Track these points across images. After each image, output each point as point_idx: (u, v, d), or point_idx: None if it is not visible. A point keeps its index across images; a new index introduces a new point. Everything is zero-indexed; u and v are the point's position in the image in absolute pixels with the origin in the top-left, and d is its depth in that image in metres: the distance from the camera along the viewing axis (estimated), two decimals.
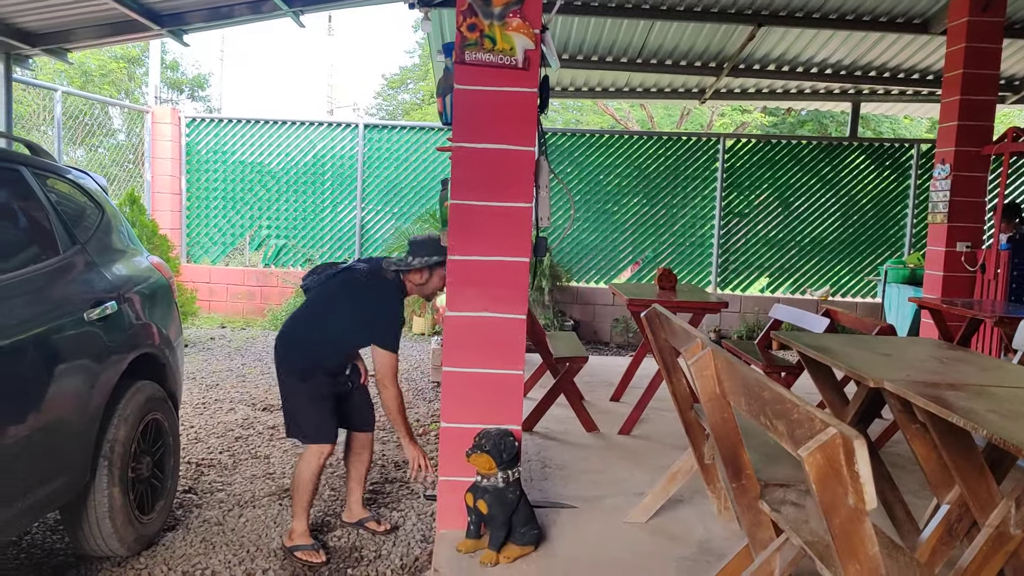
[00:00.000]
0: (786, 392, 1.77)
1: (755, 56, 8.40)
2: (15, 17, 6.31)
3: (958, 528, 2.59)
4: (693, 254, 9.75)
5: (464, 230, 3.16)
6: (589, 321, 9.52)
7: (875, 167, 9.67)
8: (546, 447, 4.50)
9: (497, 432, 3.01)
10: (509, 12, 3.04)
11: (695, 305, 5.02)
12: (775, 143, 9.77)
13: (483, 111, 3.11)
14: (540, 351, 4.91)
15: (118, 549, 3.20)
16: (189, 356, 7.46)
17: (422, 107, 23.30)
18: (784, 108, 17.54)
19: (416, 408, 5.90)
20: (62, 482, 2.87)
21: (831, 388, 3.45)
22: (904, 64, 8.55)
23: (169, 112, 9.96)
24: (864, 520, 1.52)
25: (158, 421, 3.52)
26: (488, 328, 3.18)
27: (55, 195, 3.31)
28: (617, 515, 3.46)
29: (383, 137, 9.98)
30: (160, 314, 3.68)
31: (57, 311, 2.94)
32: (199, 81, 21.60)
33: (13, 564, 3.25)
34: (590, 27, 7.57)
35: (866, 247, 9.70)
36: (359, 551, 3.45)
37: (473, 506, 3.00)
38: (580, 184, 9.66)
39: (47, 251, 3.09)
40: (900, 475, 3.88)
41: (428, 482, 3.69)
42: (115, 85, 17.00)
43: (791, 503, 2.29)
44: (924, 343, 3.48)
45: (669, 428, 4.90)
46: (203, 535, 3.55)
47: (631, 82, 9.46)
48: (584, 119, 20.70)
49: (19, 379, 2.64)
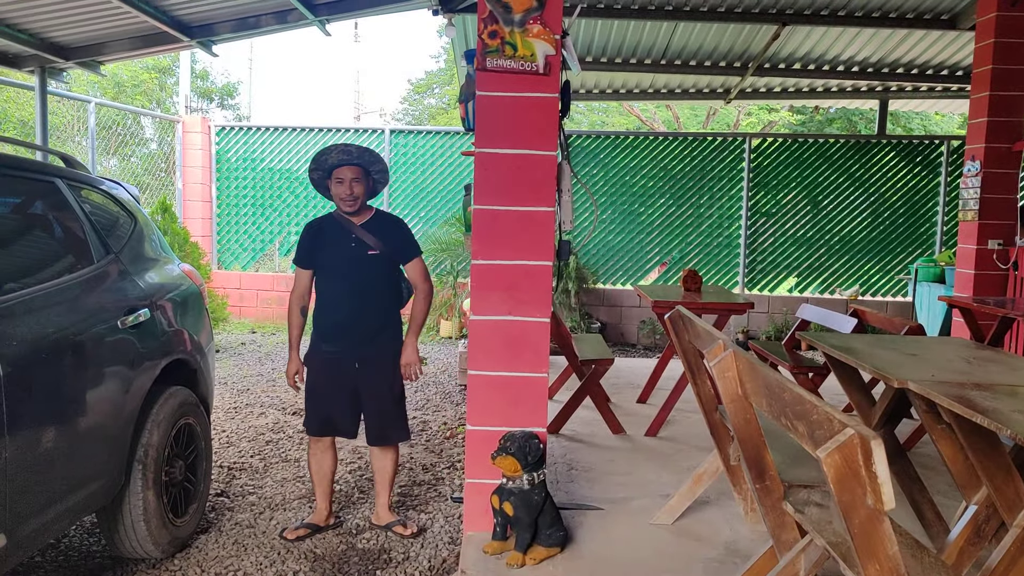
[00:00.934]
0: (806, 393, 1.78)
1: (780, 55, 8.35)
2: (50, 32, 6.46)
3: (986, 529, 2.57)
4: (720, 254, 9.70)
5: (488, 235, 3.19)
6: (616, 323, 9.51)
7: (905, 164, 9.55)
8: (572, 449, 4.52)
9: (522, 435, 3.04)
10: (529, 19, 3.07)
11: (720, 306, 5.01)
12: (803, 142, 9.70)
13: (505, 117, 3.14)
14: (566, 353, 4.93)
15: (152, 551, 3.28)
16: (220, 361, 7.58)
17: (448, 111, 23.41)
18: (811, 107, 17.38)
19: (444, 411, 5.95)
20: (98, 486, 2.94)
21: (857, 389, 3.44)
22: (932, 60, 8.45)
23: (199, 121, 10.12)
24: (883, 520, 1.53)
25: (190, 426, 3.59)
26: (512, 331, 3.21)
27: (89, 205, 3.39)
28: (643, 517, 3.47)
29: (409, 142, 10.06)
30: (191, 320, 3.76)
31: (92, 319, 3.02)
32: (228, 90, 21.90)
33: (52, 566, 3.33)
34: (613, 29, 7.58)
35: (896, 245, 9.59)
36: (387, 553, 3.49)
37: (499, 508, 3.03)
38: (606, 186, 9.66)
39: (82, 261, 3.18)
40: (930, 476, 3.85)
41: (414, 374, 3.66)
42: (147, 95, 17.31)
43: (815, 504, 2.29)
44: (953, 343, 3.45)
45: (695, 430, 4.90)
46: (235, 537, 3.62)
47: (656, 83, 9.45)
48: (610, 120, 20.68)
49: (57, 386, 2.72)
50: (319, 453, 3.69)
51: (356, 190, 3.51)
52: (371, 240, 3.55)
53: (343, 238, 3.57)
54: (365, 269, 3.55)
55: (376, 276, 3.58)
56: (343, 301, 3.57)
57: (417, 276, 3.66)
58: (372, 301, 3.59)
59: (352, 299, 3.55)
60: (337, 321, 3.59)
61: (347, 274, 3.56)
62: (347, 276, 3.56)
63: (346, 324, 3.57)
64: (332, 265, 3.60)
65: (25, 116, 11.89)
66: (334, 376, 3.59)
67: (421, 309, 3.62)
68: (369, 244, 3.54)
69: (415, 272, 3.66)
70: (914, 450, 4.45)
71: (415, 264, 3.66)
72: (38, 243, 3.19)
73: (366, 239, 3.55)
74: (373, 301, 3.59)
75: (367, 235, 3.56)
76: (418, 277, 3.66)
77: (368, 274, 3.56)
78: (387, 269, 3.61)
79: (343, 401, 3.61)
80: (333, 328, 3.60)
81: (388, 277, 3.64)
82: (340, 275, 3.57)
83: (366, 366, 3.58)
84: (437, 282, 9.43)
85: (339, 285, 3.58)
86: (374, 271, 3.56)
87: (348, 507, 4.00)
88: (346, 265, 3.56)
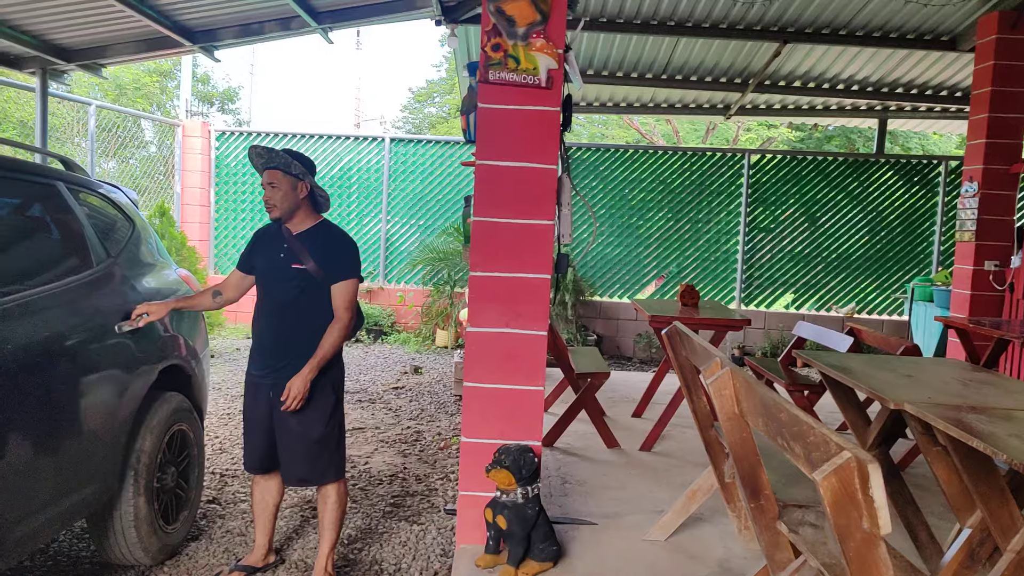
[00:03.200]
0: (802, 414, 1.77)
1: (781, 72, 8.38)
2: (52, 34, 6.46)
3: (980, 552, 2.56)
4: (718, 269, 9.72)
5: (487, 247, 3.19)
6: (612, 336, 9.51)
7: (903, 183, 9.59)
8: (567, 463, 4.51)
9: (517, 448, 3.03)
10: (533, 32, 3.08)
11: (717, 322, 5.01)
12: (801, 159, 9.73)
13: (506, 129, 3.15)
14: (562, 366, 4.92)
15: (142, 558, 3.26)
16: (215, 367, 7.56)
17: (448, 120, 23.46)
18: (811, 124, 17.45)
19: (438, 421, 5.94)
20: (91, 491, 2.93)
21: (853, 408, 3.43)
22: (932, 81, 8.49)
23: (199, 125, 10.13)
24: (879, 544, 1.52)
25: (184, 432, 3.58)
26: (509, 344, 3.21)
27: (88, 209, 3.39)
28: (637, 532, 3.46)
29: (409, 151, 10.08)
30: (187, 326, 3.75)
31: (90, 323, 3.01)
32: (229, 94, 21.92)
33: (40, 571, 3.31)
34: (615, 44, 7.61)
35: (893, 264, 9.61)
36: (379, 564, 3.47)
37: (492, 521, 3.02)
38: (605, 198, 9.67)
39: (81, 264, 3.17)
40: (924, 497, 3.85)
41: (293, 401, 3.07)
42: (148, 98, 17.31)
43: (809, 524, 2.29)
44: (949, 364, 3.45)
45: (691, 445, 4.89)
46: (226, 545, 3.60)
47: (656, 98, 9.48)
48: (610, 133, 20.73)
49: (54, 388, 2.70)
50: (260, 484, 3.34)
51: (272, 195, 3.15)
52: (300, 253, 3.16)
53: (276, 245, 3.23)
54: (287, 284, 3.15)
55: (300, 293, 3.15)
56: (261, 316, 3.25)
57: (340, 302, 3.17)
58: (292, 320, 3.17)
59: (270, 315, 3.21)
60: (255, 339, 3.27)
61: (269, 287, 3.22)
62: (269, 289, 3.22)
63: (262, 343, 3.24)
64: (260, 273, 3.28)
65: (25, 116, 11.89)
66: (254, 403, 3.24)
67: (330, 340, 3.13)
68: (296, 256, 3.16)
69: (339, 298, 3.17)
70: (908, 470, 4.44)
71: (341, 288, 3.18)
72: (38, 245, 3.18)
73: (295, 250, 3.17)
74: (293, 320, 3.17)
75: (298, 246, 3.18)
76: (340, 304, 3.17)
77: (290, 289, 3.15)
78: (314, 288, 3.17)
79: (260, 434, 3.24)
80: (254, 347, 3.28)
81: (316, 298, 3.18)
82: (264, 286, 3.26)
83: (279, 395, 3.12)
84: (434, 291, 9.43)
85: (262, 298, 3.26)
86: (296, 288, 3.15)
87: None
88: (272, 276, 3.22)
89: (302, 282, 3.14)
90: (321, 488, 3.25)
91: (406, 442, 5.37)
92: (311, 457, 3.18)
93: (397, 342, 9.57)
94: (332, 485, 3.25)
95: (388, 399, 6.64)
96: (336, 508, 3.25)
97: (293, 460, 3.19)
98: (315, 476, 3.22)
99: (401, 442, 5.37)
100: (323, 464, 3.21)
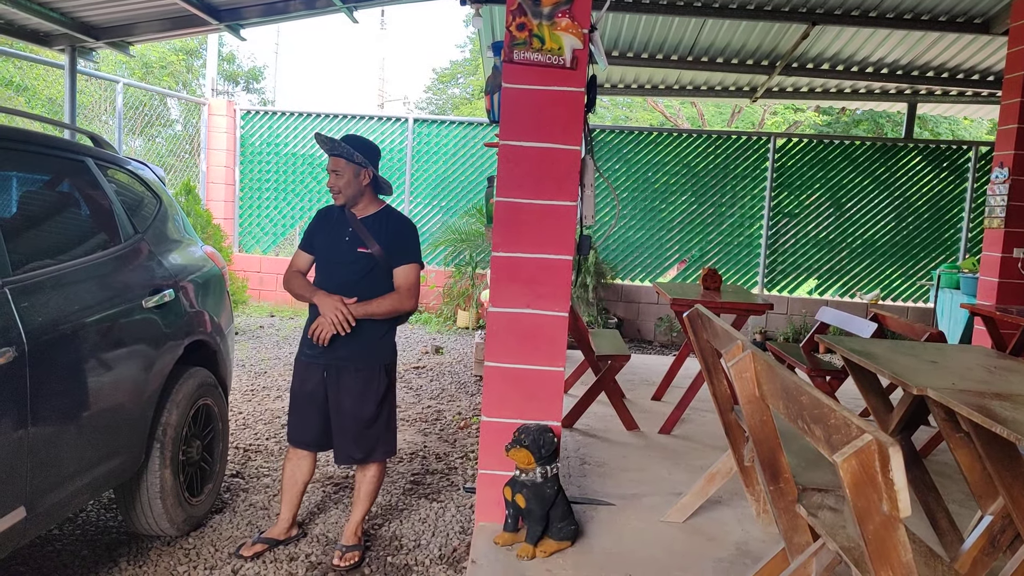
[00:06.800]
0: (824, 397, 1.77)
1: (808, 55, 8.28)
2: (80, 11, 6.52)
3: (1000, 540, 2.55)
4: (740, 254, 9.66)
5: (509, 227, 3.20)
6: (633, 319, 9.50)
7: (932, 169, 9.46)
8: (586, 444, 4.53)
9: (536, 428, 3.05)
10: (558, 12, 3.07)
11: (739, 306, 4.99)
12: (828, 143, 9.62)
13: (530, 110, 3.14)
14: (582, 348, 4.93)
15: (168, 529, 3.32)
16: (239, 344, 7.64)
17: (471, 102, 23.41)
18: (838, 107, 17.23)
19: (458, 401, 5.98)
20: (119, 462, 2.98)
21: (875, 394, 3.41)
22: (963, 64, 8.34)
23: (225, 104, 10.18)
24: (898, 527, 1.52)
25: (208, 407, 3.63)
26: (530, 325, 3.22)
27: (116, 185, 3.43)
28: (655, 514, 3.47)
29: (432, 132, 10.07)
30: (213, 302, 3.79)
31: (119, 298, 3.06)
32: (254, 74, 22.01)
33: (69, 539, 3.39)
34: (641, 24, 7.54)
35: (919, 251, 9.50)
36: (399, 539, 3.52)
37: (511, 500, 3.04)
38: (628, 181, 9.63)
39: (110, 239, 3.22)
40: (946, 484, 3.83)
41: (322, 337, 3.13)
42: (174, 77, 17.42)
43: (828, 508, 2.29)
44: (974, 351, 3.42)
45: (710, 429, 4.89)
46: (249, 518, 3.66)
47: (681, 80, 9.40)
48: (634, 116, 20.59)
49: (84, 361, 2.75)
50: (295, 460, 3.41)
51: (336, 182, 3.23)
52: (366, 237, 3.23)
53: (340, 229, 3.29)
54: (352, 267, 3.22)
55: (362, 277, 3.22)
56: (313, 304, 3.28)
57: (402, 284, 3.26)
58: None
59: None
60: (311, 319, 3.27)
61: (333, 269, 3.28)
62: (332, 272, 3.28)
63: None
64: (323, 256, 3.34)
65: (53, 94, 12.00)
66: (307, 383, 3.31)
67: (385, 302, 3.21)
68: (361, 240, 3.23)
69: (401, 279, 3.26)
70: (930, 457, 4.42)
71: (404, 271, 3.26)
72: (69, 221, 3.24)
73: (361, 234, 3.24)
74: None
75: (363, 231, 3.25)
76: (403, 286, 3.26)
77: (353, 273, 3.22)
78: (379, 272, 3.24)
79: (314, 412, 3.32)
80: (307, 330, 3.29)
81: (379, 281, 3.25)
82: (327, 269, 3.32)
83: (334, 375, 3.24)
84: (455, 272, 9.45)
85: (324, 280, 3.30)
86: (361, 271, 3.21)
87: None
88: (334, 258, 3.28)
89: (366, 265, 3.22)
90: (368, 465, 3.36)
91: (427, 421, 5.41)
92: (362, 438, 3.28)
93: (418, 322, 9.61)
94: (379, 465, 3.38)
95: (409, 378, 6.68)
96: (374, 482, 3.37)
97: (344, 440, 3.29)
98: (364, 455, 3.32)
99: (422, 421, 5.41)
100: (372, 444, 3.31)
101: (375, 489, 3.40)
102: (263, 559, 3.26)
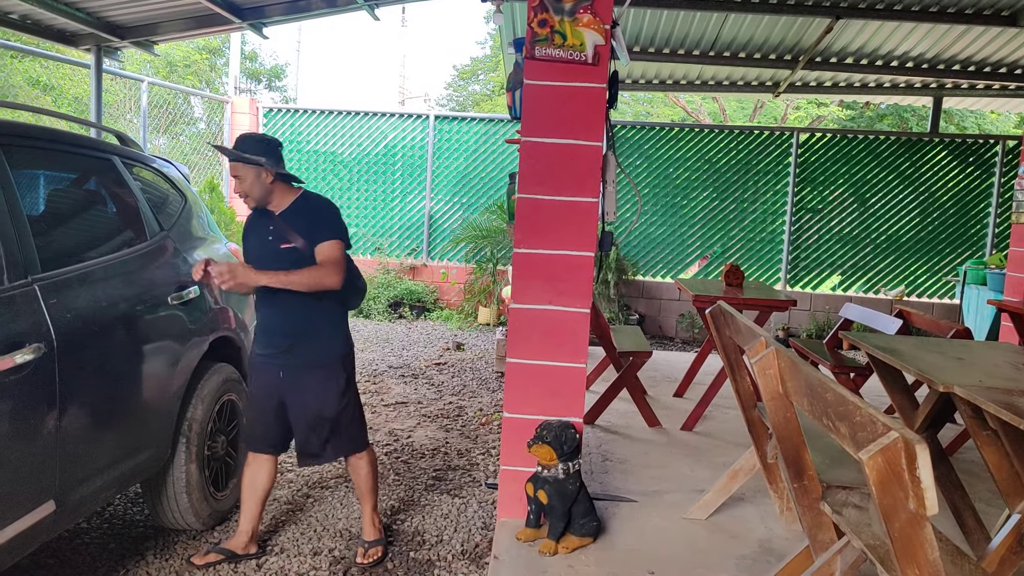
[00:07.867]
0: (849, 394, 1.76)
1: (832, 49, 8.19)
2: (106, 11, 6.59)
3: None
4: (763, 250, 9.59)
5: (531, 224, 3.20)
6: (654, 316, 9.47)
7: (957, 164, 9.34)
8: (608, 440, 4.52)
9: (559, 424, 3.05)
10: (580, 8, 3.06)
11: (762, 303, 4.96)
12: (852, 138, 9.52)
13: (552, 106, 3.14)
14: (604, 345, 4.92)
15: (193, 523, 3.37)
16: None
17: (492, 98, 23.40)
18: (862, 102, 17.04)
19: (480, 397, 5.99)
20: (146, 456, 3.03)
21: (900, 391, 3.38)
22: (990, 58, 8.22)
23: (247, 102, 10.26)
24: (924, 525, 1.51)
25: (233, 402, 3.67)
26: (552, 321, 3.22)
27: (142, 183, 3.47)
28: (677, 511, 3.46)
29: (453, 128, 10.09)
30: (236, 299, 3.83)
31: (145, 294, 3.10)
32: (276, 72, 22.14)
33: (97, 532, 3.44)
34: (662, 19, 7.50)
35: (945, 246, 9.39)
36: (421, 535, 3.54)
37: (533, 496, 3.05)
38: (649, 177, 9.59)
39: (137, 236, 3.26)
40: (972, 482, 3.79)
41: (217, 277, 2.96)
42: (197, 75, 17.57)
43: (853, 506, 2.27)
44: (1001, 348, 3.38)
45: (732, 426, 4.87)
46: (272, 513, 3.70)
47: (703, 75, 9.33)
48: (655, 111, 20.49)
49: (113, 357, 2.80)
50: (254, 466, 3.28)
51: (241, 186, 3.10)
52: (288, 232, 3.12)
53: (263, 230, 3.17)
54: (280, 264, 3.07)
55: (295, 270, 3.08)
56: (261, 300, 3.21)
57: (324, 259, 3.08)
58: (293, 299, 3.09)
59: (272, 296, 3.13)
60: (259, 321, 3.25)
61: (265, 269, 3.07)
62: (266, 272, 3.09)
63: (267, 325, 3.21)
64: (254, 259, 3.18)
65: (79, 93, 12.14)
66: (262, 383, 3.23)
67: (304, 274, 3.04)
68: (284, 237, 3.12)
69: (324, 255, 3.09)
70: (956, 455, 4.37)
71: (325, 248, 3.09)
72: (96, 218, 3.28)
73: (283, 231, 3.13)
74: (294, 299, 3.09)
75: (284, 226, 3.13)
76: (325, 260, 3.08)
77: (284, 269, 3.06)
78: (308, 263, 3.09)
79: (270, 412, 3.22)
80: (258, 328, 3.27)
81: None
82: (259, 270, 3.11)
83: (290, 376, 3.17)
84: (476, 269, 9.47)
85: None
86: (290, 265, 3.06)
87: (384, 488, 4.05)
88: (264, 258, 3.13)
89: (294, 259, 3.09)
90: (350, 460, 3.31)
91: (448, 417, 5.43)
92: (325, 435, 3.22)
93: (440, 319, 9.64)
94: (361, 457, 3.31)
95: (431, 375, 6.71)
96: (370, 475, 3.34)
97: (308, 439, 3.23)
98: (330, 453, 3.27)
99: (443, 417, 5.43)
100: (338, 441, 3.25)
101: (374, 481, 3.37)
102: (287, 553, 3.29)
